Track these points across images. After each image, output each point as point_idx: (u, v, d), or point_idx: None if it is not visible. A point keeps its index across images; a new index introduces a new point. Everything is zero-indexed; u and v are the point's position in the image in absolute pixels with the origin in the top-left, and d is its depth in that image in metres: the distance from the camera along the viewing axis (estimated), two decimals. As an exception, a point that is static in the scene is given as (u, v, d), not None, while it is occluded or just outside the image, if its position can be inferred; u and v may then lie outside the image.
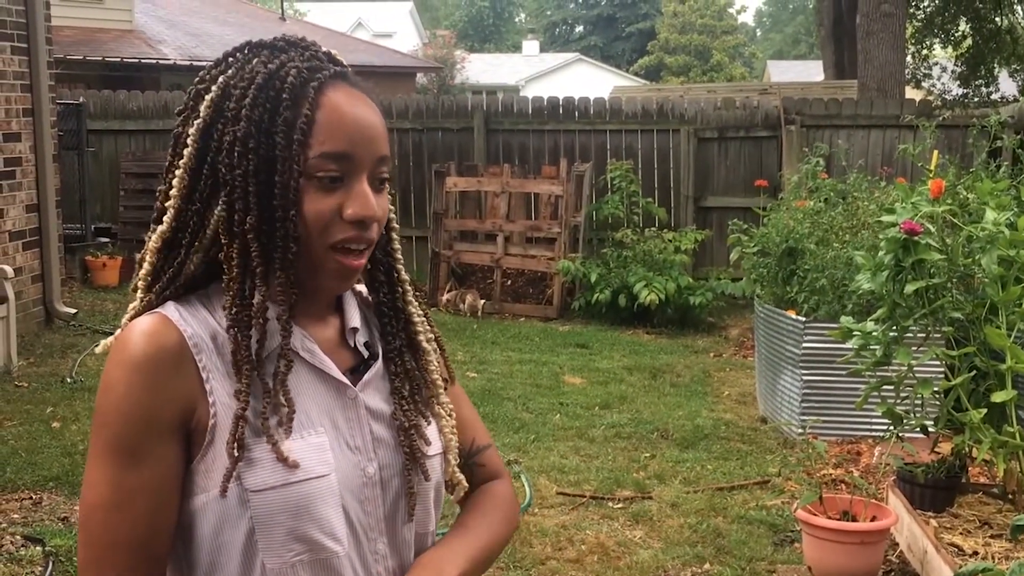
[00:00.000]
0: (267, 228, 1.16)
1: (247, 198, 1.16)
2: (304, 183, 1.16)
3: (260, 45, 1.23)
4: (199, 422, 1.15)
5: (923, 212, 4.07)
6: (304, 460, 1.16)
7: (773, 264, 6.18)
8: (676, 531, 4.44)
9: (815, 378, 5.51)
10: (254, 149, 1.15)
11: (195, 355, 1.15)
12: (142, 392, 1.12)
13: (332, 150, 1.17)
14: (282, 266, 1.17)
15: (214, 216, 1.18)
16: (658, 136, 10.22)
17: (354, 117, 1.19)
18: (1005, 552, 3.64)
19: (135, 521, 1.13)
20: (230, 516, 1.15)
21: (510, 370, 7.26)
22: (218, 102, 1.18)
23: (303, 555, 1.16)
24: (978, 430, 3.82)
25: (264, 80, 1.17)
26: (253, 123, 1.16)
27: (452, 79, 29.91)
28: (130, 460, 1.12)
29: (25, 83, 7.58)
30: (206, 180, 1.18)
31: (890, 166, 9.15)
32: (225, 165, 1.16)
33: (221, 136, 1.17)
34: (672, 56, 43.38)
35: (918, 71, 16.18)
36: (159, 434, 1.13)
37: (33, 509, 4.48)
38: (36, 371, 6.75)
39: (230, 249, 1.17)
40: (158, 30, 17.36)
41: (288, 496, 1.15)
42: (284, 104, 1.16)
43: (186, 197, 1.19)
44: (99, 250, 9.91)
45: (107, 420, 1.14)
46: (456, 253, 9.78)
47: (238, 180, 1.16)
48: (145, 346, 1.13)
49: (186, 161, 1.19)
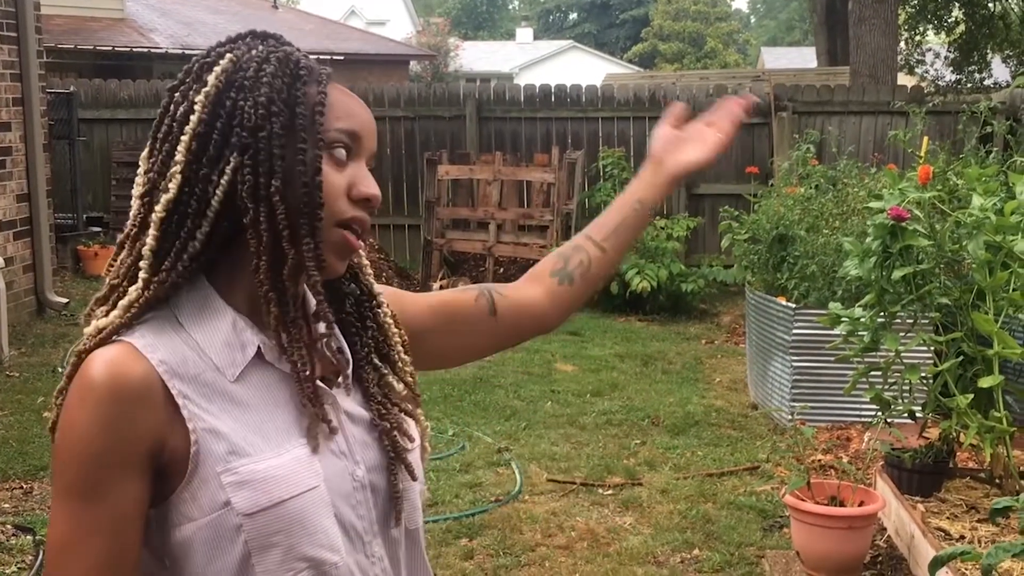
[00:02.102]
0: (291, 197, 1.14)
1: (271, 161, 1.14)
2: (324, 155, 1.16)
3: (264, 34, 1.23)
4: (173, 453, 1.11)
5: (911, 198, 4.07)
6: (292, 474, 1.14)
7: (763, 251, 6.19)
8: (666, 517, 4.46)
9: (805, 364, 5.52)
10: (276, 114, 1.14)
11: (167, 381, 1.10)
12: (103, 431, 1.07)
13: (347, 128, 1.18)
14: (310, 233, 1.15)
15: (222, 183, 1.14)
16: (650, 123, 10.20)
17: (357, 107, 1.22)
18: (992, 536, 3.66)
19: (96, 560, 1.09)
20: (222, 543, 1.11)
21: (501, 357, 7.26)
22: (231, 72, 1.16)
23: (303, 572, 1.14)
24: (965, 415, 3.84)
25: (283, 55, 1.18)
26: (274, 90, 1.15)
27: (446, 67, 29.84)
28: (92, 499, 1.08)
29: (15, 72, 7.56)
30: (216, 145, 1.14)
31: (881, 152, 9.17)
32: (247, 128, 1.14)
33: (235, 102, 1.15)
34: (666, 43, 43.32)
35: (911, 57, 16.16)
36: (121, 472, 1.08)
37: (24, 499, 4.49)
38: (27, 361, 6.74)
39: (257, 213, 1.14)
40: (150, 18, 17.31)
41: (281, 515, 1.11)
42: (302, 79, 1.17)
43: (192, 162, 1.15)
44: (91, 239, 9.89)
45: (67, 458, 1.09)
46: (448, 241, 9.78)
47: (262, 143, 1.14)
48: (107, 381, 1.08)
49: (194, 126, 1.14)
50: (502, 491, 4.75)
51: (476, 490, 4.76)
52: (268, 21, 19.52)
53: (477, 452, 5.26)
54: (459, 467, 5.02)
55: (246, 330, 1.17)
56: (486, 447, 5.34)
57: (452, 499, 4.62)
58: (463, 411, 5.95)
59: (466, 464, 5.07)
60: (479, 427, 5.66)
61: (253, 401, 1.16)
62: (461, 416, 5.85)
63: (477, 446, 5.35)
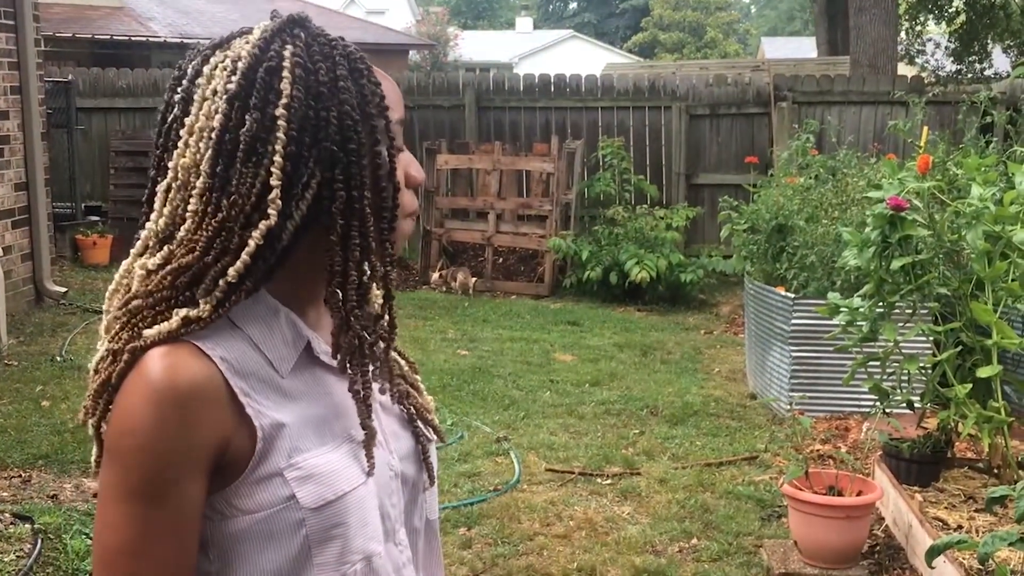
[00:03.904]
0: (375, 202, 1.12)
1: (362, 173, 1.11)
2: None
3: (296, 20, 1.15)
4: (237, 451, 1.08)
5: (910, 188, 4.07)
6: (349, 467, 1.13)
7: (763, 241, 6.18)
8: (664, 507, 4.46)
9: (804, 354, 5.52)
10: (358, 121, 1.11)
11: (229, 379, 1.07)
12: (172, 433, 1.04)
13: (399, 118, 1.17)
14: (389, 238, 1.13)
15: (307, 198, 1.09)
16: (650, 113, 10.19)
17: (391, 85, 1.19)
18: (989, 526, 3.67)
19: (163, 563, 1.06)
20: (281, 537, 1.10)
21: (501, 347, 7.27)
22: (304, 77, 1.09)
23: (359, 564, 1.13)
24: (963, 405, 3.84)
25: (343, 50, 1.13)
26: (351, 94, 1.11)
27: (445, 56, 29.71)
28: (156, 503, 1.05)
29: (13, 61, 7.53)
30: (305, 162, 1.09)
31: (881, 142, 9.15)
32: (335, 143, 1.09)
33: (318, 112, 1.09)
34: (666, 33, 43.21)
35: (911, 47, 16.13)
36: (187, 474, 1.05)
37: (22, 487, 4.49)
38: (26, 350, 6.74)
39: (347, 229, 1.10)
40: (148, 7, 17.26)
41: (342, 508, 1.11)
42: (362, 74, 1.13)
43: (288, 186, 1.08)
44: (89, 228, 9.88)
45: (132, 462, 1.05)
46: (447, 231, 9.77)
47: (352, 156, 1.10)
48: (172, 381, 1.04)
49: (283, 144, 1.07)
50: (501, 480, 4.75)
51: (475, 479, 4.76)
52: (267, 10, 19.35)
53: (476, 441, 5.26)
54: (458, 456, 5.02)
55: (296, 324, 1.16)
56: (485, 436, 5.34)
57: (451, 488, 4.62)
58: (462, 401, 5.95)
59: (465, 453, 5.07)
60: (478, 416, 5.66)
61: (304, 395, 1.15)
62: (460, 406, 5.85)
63: (476, 435, 5.35)
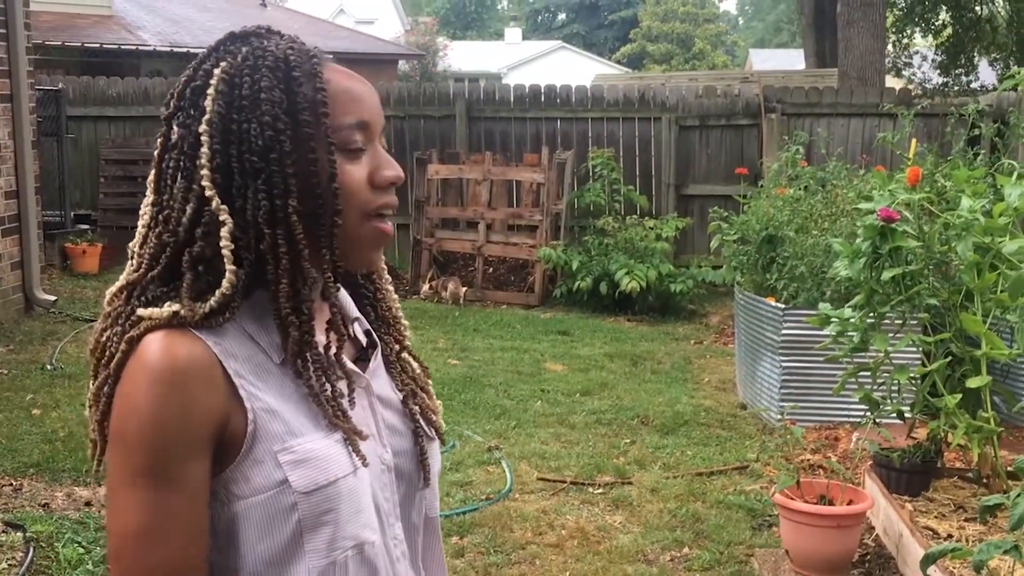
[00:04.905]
0: (308, 208, 1.13)
1: (286, 180, 1.12)
2: (337, 156, 1.15)
3: (245, 34, 1.19)
4: (233, 433, 1.10)
5: (900, 200, 4.10)
6: (343, 454, 1.14)
7: (753, 252, 6.21)
8: (656, 516, 4.48)
9: (794, 364, 5.55)
10: (283, 130, 1.12)
11: (223, 361, 1.10)
12: (174, 411, 1.06)
13: (355, 120, 1.17)
14: (328, 244, 1.14)
15: (248, 210, 1.12)
16: (640, 124, 10.24)
17: (360, 87, 1.20)
18: (979, 535, 3.69)
19: (175, 544, 1.08)
20: (275, 521, 1.11)
21: (492, 357, 7.28)
22: (227, 92, 1.13)
23: (349, 551, 1.14)
24: (953, 415, 3.87)
25: (273, 62, 1.14)
26: (275, 104, 1.12)
27: (434, 66, 29.75)
28: (164, 482, 1.07)
29: (3, 69, 7.52)
30: (238, 174, 1.12)
31: (869, 154, 9.20)
32: (256, 153, 1.11)
33: (240, 124, 1.12)
34: (654, 44, 43.39)
35: (899, 60, 16.24)
36: (191, 453, 1.07)
37: (13, 496, 4.48)
38: (16, 358, 6.72)
39: (274, 238, 1.12)
40: (137, 16, 17.24)
41: (334, 494, 1.12)
42: (297, 82, 1.14)
43: (228, 200, 1.12)
44: (79, 237, 9.86)
45: (135, 443, 1.07)
46: (438, 241, 9.78)
47: (274, 165, 1.11)
48: (170, 361, 1.07)
49: (207, 160, 1.12)
50: (492, 489, 4.76)
51: (466, 488, 4.77)
52: (256, 19, 19.34)
53: (467, 451, 5.26)
54: (449, 466, 5.03)
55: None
56: (476, 446, 5.35)
57: (443, 497, 4.63)
58: (453, 410, 5.96)
59: (456, 463, 5.08)
60: (469, 426, 5.67)
61: (298, 383, 1.16)
62: (451, 415, 5.85)
63: (467, 445, 5.36)
